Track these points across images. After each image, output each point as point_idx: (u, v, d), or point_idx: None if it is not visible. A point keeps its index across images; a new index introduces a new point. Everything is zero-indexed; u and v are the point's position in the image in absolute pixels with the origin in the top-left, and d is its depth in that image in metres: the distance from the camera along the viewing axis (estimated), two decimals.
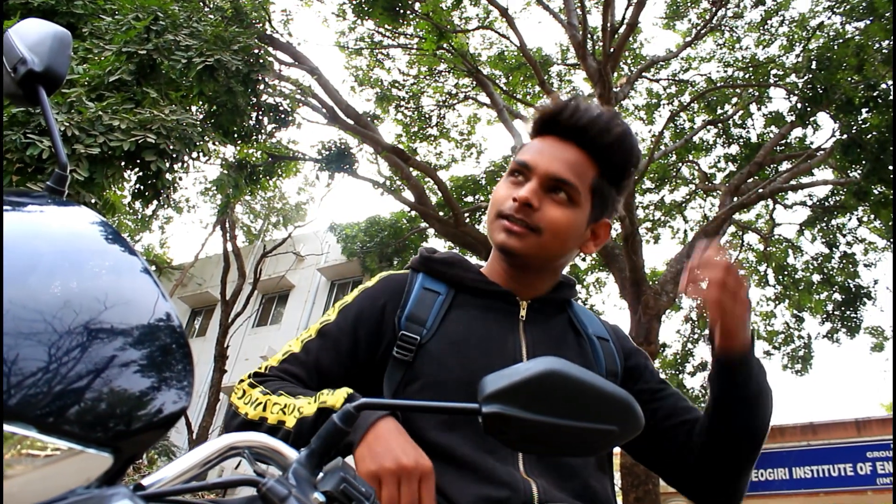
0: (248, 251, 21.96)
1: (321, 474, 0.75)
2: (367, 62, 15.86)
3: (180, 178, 7.59)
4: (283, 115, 9.46)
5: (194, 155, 7.29)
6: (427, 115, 16.38)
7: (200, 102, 8.20)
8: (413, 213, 14.35)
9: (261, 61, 8.25)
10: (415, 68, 15.97)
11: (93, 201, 6.31)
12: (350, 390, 1.14)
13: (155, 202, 7.24)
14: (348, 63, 15.83)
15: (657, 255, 61.38)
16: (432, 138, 16.70)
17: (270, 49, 10.75)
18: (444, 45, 12.98)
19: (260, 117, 8.97)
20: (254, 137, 9.32)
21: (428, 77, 16.11)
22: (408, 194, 12.70)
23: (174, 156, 6.79)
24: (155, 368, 0.60)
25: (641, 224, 15.20)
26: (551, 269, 1.46)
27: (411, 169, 12.38)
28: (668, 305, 10.67)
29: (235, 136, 8.70)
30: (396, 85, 15.91)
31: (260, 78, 8.11)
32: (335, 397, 1.12)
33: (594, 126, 1.37)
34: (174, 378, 0.61)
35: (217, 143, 8.39)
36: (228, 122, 8.23)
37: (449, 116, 16.91)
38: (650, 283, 10.98)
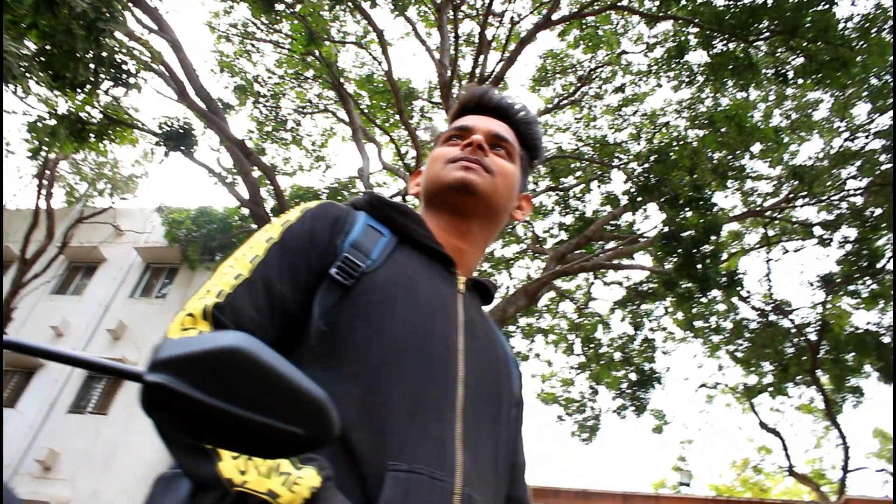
0: (64, 213, 20.43)
1: None
2: (234, 49, 15.37)
3: None
4: (125, 75, 8.84)
5: (11, 87, 6.59)
6: (283, 118, 16.05)
7: (35, 37, 7.46)
8: (246, 212, 13.90)
9: (113, 12, 7.66)
10: (282, 69, 15.64)
11: None
12: (316, 485, 0.87)
13: None
14: (215, 46, 15.27)
15: None
16: (284, 142, 16.36)
17: (131, 6, 10.11)
18: (315, 52, 12.78)
19: (99, 70, 8.31)
20: (87, 90, 8.62)
21: (293, 80, 15.82)
22: (243, 190, 12.26)
23: None
24: None
25: None
26: (486, 236, 1.41)
27: (253, 166, 11.98)
28: None
29: (66, 82, 7.98)
30: (259, 80, 15.50)
31: (106, 29, 7.53)
32: (292, 495, 0.85)
33: (514, 108, 1.50)
34: None
35: (42, 84, 7.66)
36: (61, 65, 7.53)
37: (305, 124, 16.68)
38: None
